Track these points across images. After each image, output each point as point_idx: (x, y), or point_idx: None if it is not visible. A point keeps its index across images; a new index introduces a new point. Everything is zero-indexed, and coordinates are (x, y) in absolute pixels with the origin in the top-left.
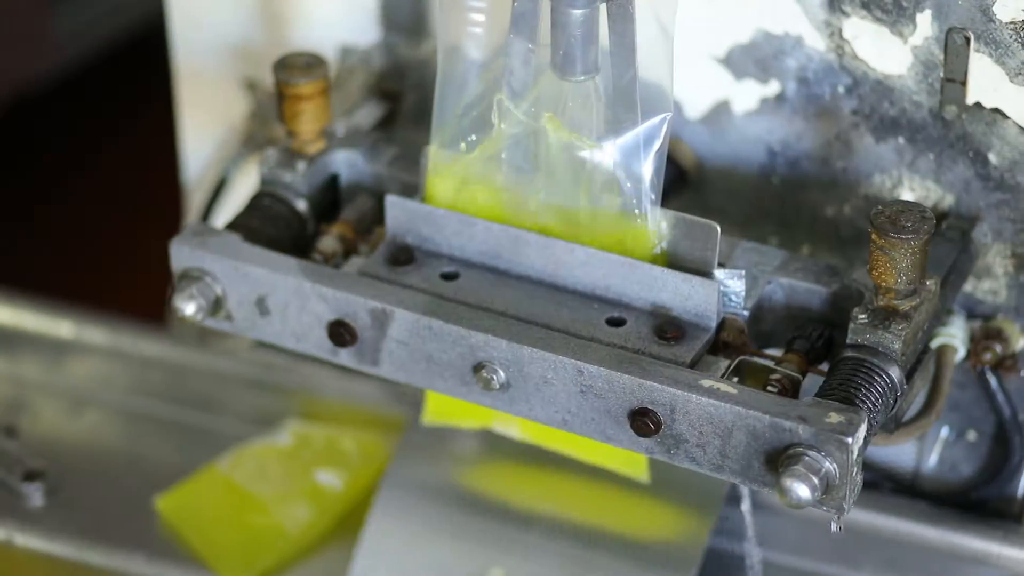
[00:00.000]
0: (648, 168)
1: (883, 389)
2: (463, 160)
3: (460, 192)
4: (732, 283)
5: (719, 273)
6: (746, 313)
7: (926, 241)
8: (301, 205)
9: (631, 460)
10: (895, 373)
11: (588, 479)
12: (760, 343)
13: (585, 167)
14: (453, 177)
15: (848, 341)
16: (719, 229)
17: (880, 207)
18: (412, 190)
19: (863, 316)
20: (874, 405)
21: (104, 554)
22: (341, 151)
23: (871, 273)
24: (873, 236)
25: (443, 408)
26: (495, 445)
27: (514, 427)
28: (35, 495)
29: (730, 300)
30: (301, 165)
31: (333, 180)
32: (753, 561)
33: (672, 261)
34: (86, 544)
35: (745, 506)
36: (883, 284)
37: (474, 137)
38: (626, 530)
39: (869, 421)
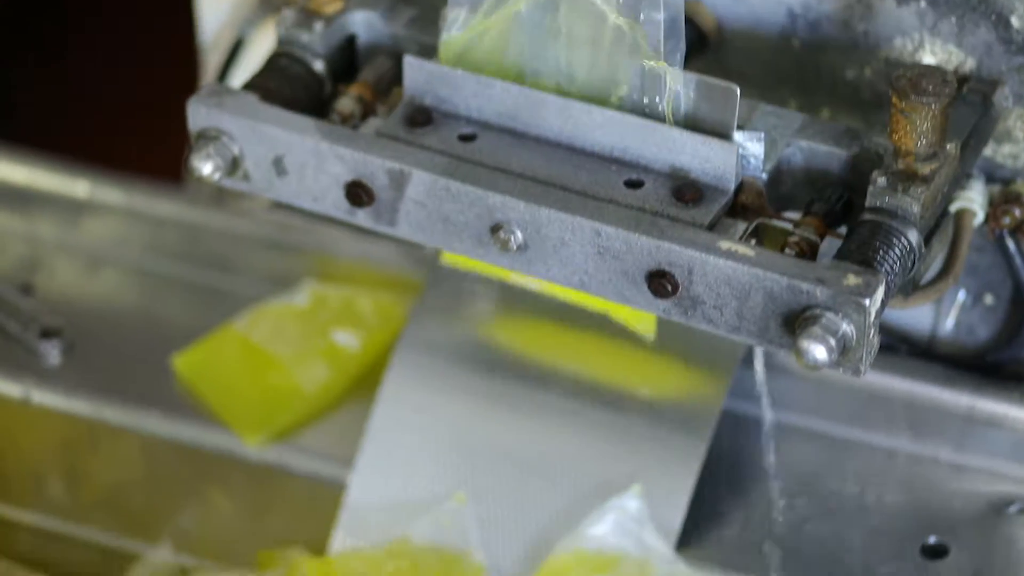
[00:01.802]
0: (667, 29)
1: (901, 252)
2: (482, 20)
3: (478, 53)
4: (751, 145)
5: (738, 135)
6: (765, 176)
7: (947, 105)
8: (318, 66)
9: (640, 315)
10: (913, 236)
11: (605, 340)
12: (779, 206)
13: (604, 26)
14: (471, 38)
15: (867, 204)
16: (739, 91)
17: (901, 70)
18: (430, 51)
19: (882, 179)
20: (892, 268)
21: (121, 412)
22: (359, 11)
23: (891, 136)
24: (894, 99)
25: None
26: (512, 305)
27: (530, 279)
28: (52, 353)
29: (749, 163)
30: (318, 25)
31: (351, 41)
32: (767, 423)
33: (691, 123)
34: (103, 402)
35: (759, 367)
36: (903, 147)
37: None
38: (643, 391)
39: (887, 283)
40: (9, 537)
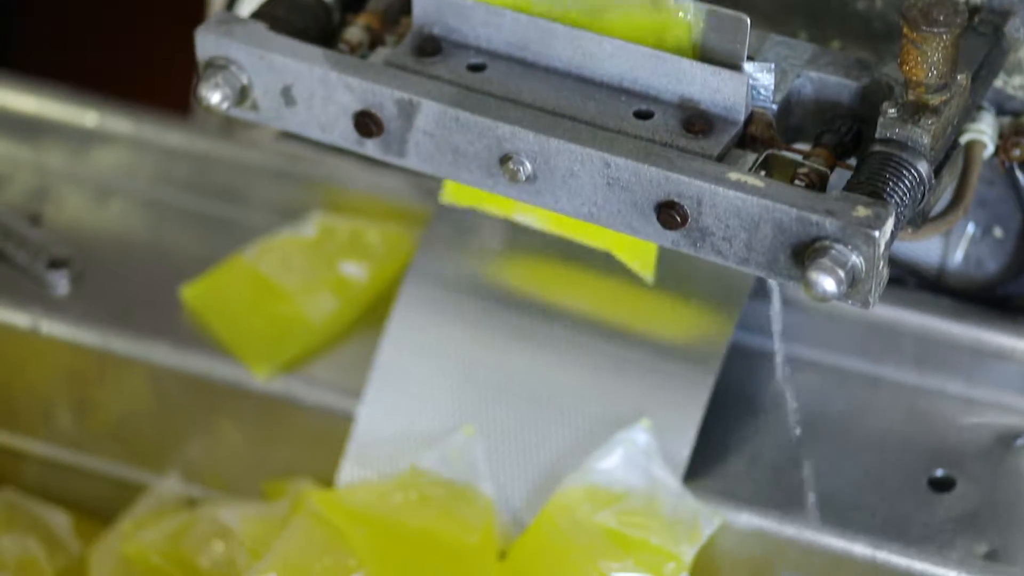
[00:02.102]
0: None
1: (911, 184)
2: None
3: None
4: (761, 76)
5: (748, 66)
6: (775, 107)
7: (958, 35)
8: None
9: (641, 256)
10: (923, 168)
11: (612, 276)
12: (788, 137)
13: None
14: None
15: (877, 136)
16: (749, 22)
17: (912, 1)
18: None
19: (893, 110)
20: (902, 200)
21: (129, 342)
22: None
23: (901, 67)
24: (904, 30)
25: (462, 191)
26: (520, 239)
27: (533, 217)
28: (60, 283)
29: (759, 94)
30: None
31: None
32: (780, 357)
33: (701, 54)
34: (111, 332)
35: (775, 300)
36: (913, 78)
37: None
38: (650, 325)
39: (896, 215)
40: (17, 467)
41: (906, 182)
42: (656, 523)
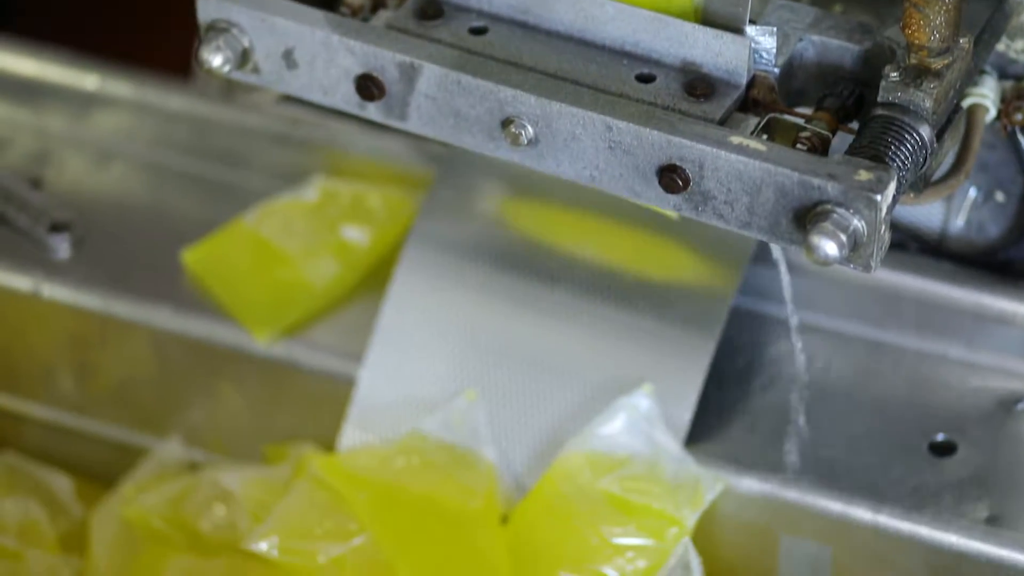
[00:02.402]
0: None
1: (913, 147)
2: None
3: None
4: (763, 40)
5: (750, 30)
6: (777, 71)
7: None
8: None
9: None
10: (925, 132)
11: (615, 239)
12: (790, 101)
13: None
14: None
15: (879, 99)
16: None
17: None
18: None
19: (895, 74)
20: (904, 163)
21: (130, 306)
22: None
23: (904, 31)
24: None
25: None
26: (522, 203)
27: None
28: (61, 247)
29: (761, 57)
30: None
31: None
32: (791, 322)
33: (703, 17)
34: (112, 296)
35: (782, 265)
36: (916, 42)
37: None
38: (652, 287)
39: (898, 179)
40: (19, 430)
41: (908, 146)
42: (658, 488)
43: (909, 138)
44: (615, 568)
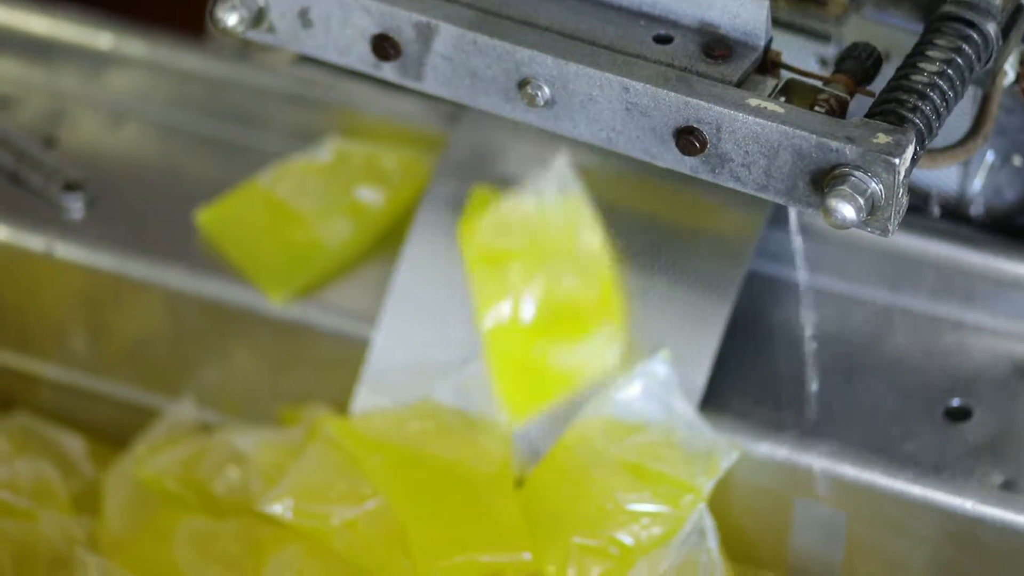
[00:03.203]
0: None
1: (976, 45)
2: None
3: None
4: None
5: None
6: None
7: None
8: None
9: None
10: (991, 28)
11: (628, 189)
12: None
13: None
14: None
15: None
16: None
17: None
18: None
19: None
20: (924, 127)
21: (144, 266)
22: None
23: None
24: None
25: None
26: (536, 165)
27: None
28: (75, 206)
29: None
30: None
31: None
32: (802, 286)
33: None
34: (126, 256)
35: (795, 228)
36: None
37: None
38: (667, 250)
39: (917, 142)
40: (32, 391)
41: (973, 43)
42: (674, 455)
43: (973, 33)
44: (630, 534)
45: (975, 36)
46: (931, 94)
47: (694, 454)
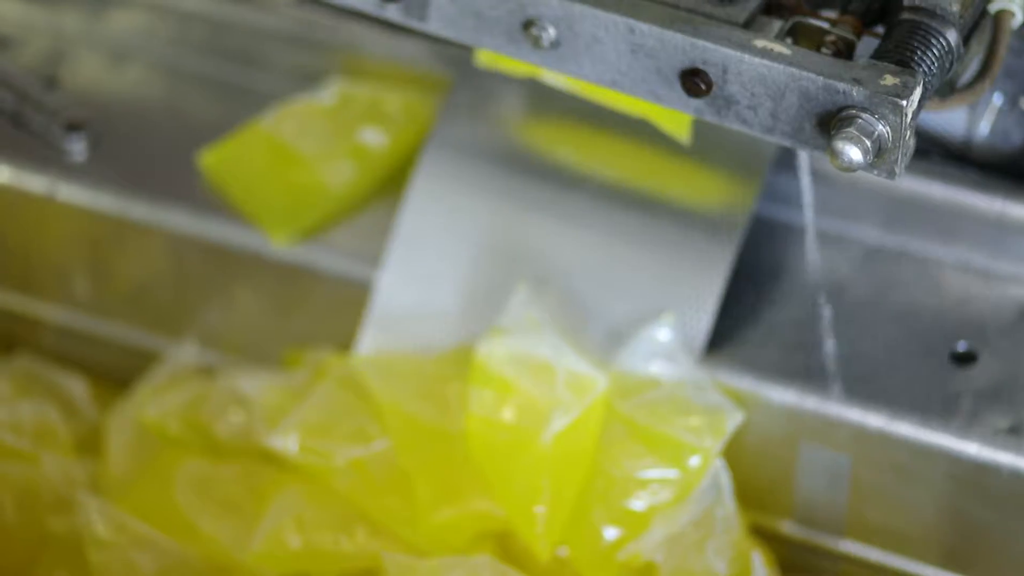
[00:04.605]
0: None
1: (939, 53)
2: None
3: None
4: None
5: None
6: None
7: None
8: None
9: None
10: (952, 36)
11: (635, 145)
12: (815, 4)
13: None
14: None
15: (905, 3)
16: None
17: None
18: None
19: None
20: (930, 68)
21: (146, 208)
22: None
23: None
24: None
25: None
26: (542, 105)
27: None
28: (77, 146)
29: None
30: None
31: None
32: (809, 229)
33: None
34: (128, 197)
35: (803, 173)
36: None
37: None
38: (671, 193)
39: (924, 84)
40: (34, 333)
41: (934, 51)
42: (680, 417)
43: (936, 43)
44: (640, 501)
45: (938, 42)
46: (934, 42)
47: (700, 415)
